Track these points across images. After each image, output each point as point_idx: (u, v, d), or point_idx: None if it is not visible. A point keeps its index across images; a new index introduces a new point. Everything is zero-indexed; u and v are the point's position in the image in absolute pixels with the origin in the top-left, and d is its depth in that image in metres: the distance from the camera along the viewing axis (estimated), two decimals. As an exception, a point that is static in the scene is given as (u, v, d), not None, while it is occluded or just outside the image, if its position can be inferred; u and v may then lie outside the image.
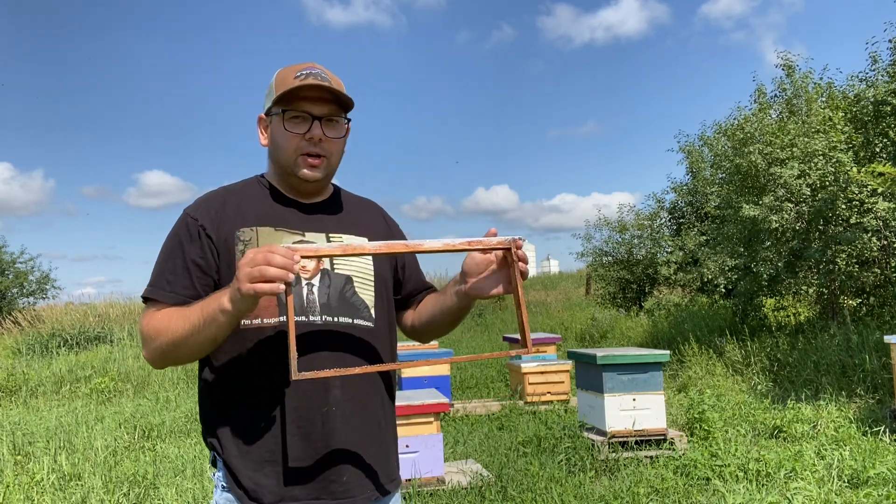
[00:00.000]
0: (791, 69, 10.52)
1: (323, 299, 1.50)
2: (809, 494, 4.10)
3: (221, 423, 1.49)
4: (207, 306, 1.37)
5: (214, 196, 1.58)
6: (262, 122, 1.60)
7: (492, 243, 1.48)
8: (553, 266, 42.77)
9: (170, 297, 1.48)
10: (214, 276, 1.50)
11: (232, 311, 1.33)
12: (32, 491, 4.87)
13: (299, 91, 1.49)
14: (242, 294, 1.27)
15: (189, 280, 1.49)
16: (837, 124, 9.27)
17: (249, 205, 1.56)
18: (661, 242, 15.54)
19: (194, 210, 1.55)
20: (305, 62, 1.56)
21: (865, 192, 8.33)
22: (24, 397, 9.87)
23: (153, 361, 1.50)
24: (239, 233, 1.51)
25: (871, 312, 9.03)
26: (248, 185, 1.62)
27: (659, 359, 5.63)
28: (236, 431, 1.48)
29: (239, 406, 1.47)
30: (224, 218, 1.52)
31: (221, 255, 1.50)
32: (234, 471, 1.47)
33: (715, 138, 12.47)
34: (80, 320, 15.38)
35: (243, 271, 1.27)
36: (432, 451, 4.70)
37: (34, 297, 20.10)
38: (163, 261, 1.52)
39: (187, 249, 1.50)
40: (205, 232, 1.50)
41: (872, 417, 5.84)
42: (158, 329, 1.44)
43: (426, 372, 7.71)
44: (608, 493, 4.39)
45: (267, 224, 1.53)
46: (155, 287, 1.50)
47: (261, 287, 1.25)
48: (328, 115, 1.53)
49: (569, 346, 12.69)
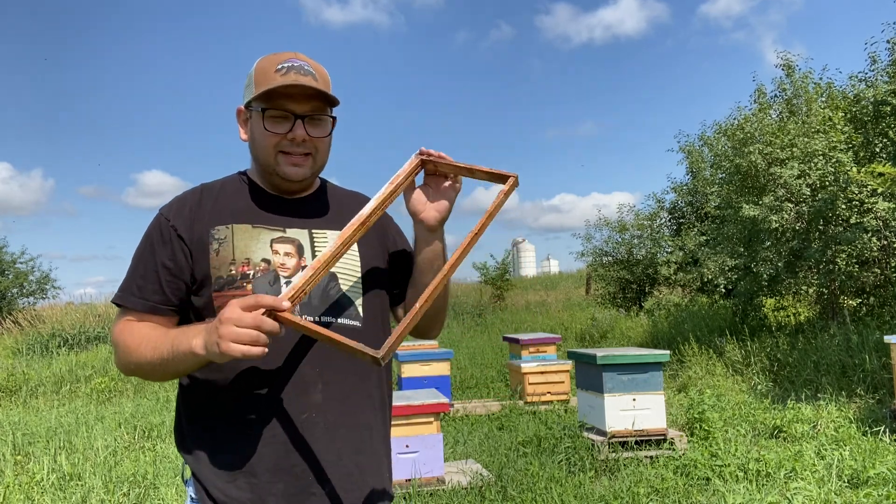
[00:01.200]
0: (791, 69, 10.53)
1: (304, 298, 1.39)
2: (809, 494, 4.10)
3: (193, 432, 1.43)
4: (178, 343, 1.30)
5: (191, 194, 1.51)
6: (242, 115, 1.52)
7: (406, 171, 1.47)
8: (553, 266, 42.71)
9: (139, 303, 1.43)
10: (186, 278, 1.43)
11: (203, 357, 1.26)
12: (32, 491, 4.87)
13: (280, 90, 1.41)
14: (222, 352, 1.19)
15: (158, 285, 1.42)
16: (837, 124, 9.27)
17: (226, 201, 1.49)
18: (661, 242, 15.55)
19: (168, 210, 1.48)
20: (288, 52, 1.48)
21: (865, 192, 8.33)
22: (24, 397, 9.87)
23: (123, 372, 1.46)
24: (213, 231, 1.44)
25: (871, 312, 9.03)
26: (227, 181, 1.55)
27: (659, 359, 5.63)
28: (207, 441, 1.40)
29: (211, 413, 1.40)
30: (198, 216, 1.45)
31: (195, 255, 1.43)
32: (203, 482, 1.39)
33: (715, 138, 12.48)
34: (80, 320, 15.37)
35: (227, 328, 1.18)
36: (432, 451, 4.70)
37: (34, 297, 20.08)
38: (134, 264, 1.47)
39: (158, 252, 1.44)
40: (176, 233, 1.43)
41: (872, 417, 5.84)
42: (129, 347, 1.40)
43: (426, 372, 7.71)
44: (608, 493, 4.39)
45: (244, 221, 1.46)
46: (124, 293, 1.45)
47: (244, 350, 1.17)
48: (311, 112, 1.44)
49: (569, 346, 12.69)
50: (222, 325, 1.19)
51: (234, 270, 1.41)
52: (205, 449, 1.40)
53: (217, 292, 1.40)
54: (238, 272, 1.41)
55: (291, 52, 1.47)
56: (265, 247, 1.44)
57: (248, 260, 1.42)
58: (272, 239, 1.45)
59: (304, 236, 1.48)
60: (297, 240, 1.47)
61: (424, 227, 1.51)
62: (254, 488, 1.36)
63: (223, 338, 1.18)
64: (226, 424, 1.39)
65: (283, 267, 1.43)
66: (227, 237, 1.43)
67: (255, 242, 1.44)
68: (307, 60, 1.47)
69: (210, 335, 1.22)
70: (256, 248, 1.43)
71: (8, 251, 19.64)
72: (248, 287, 1.39)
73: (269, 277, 1.42)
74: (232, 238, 1.43)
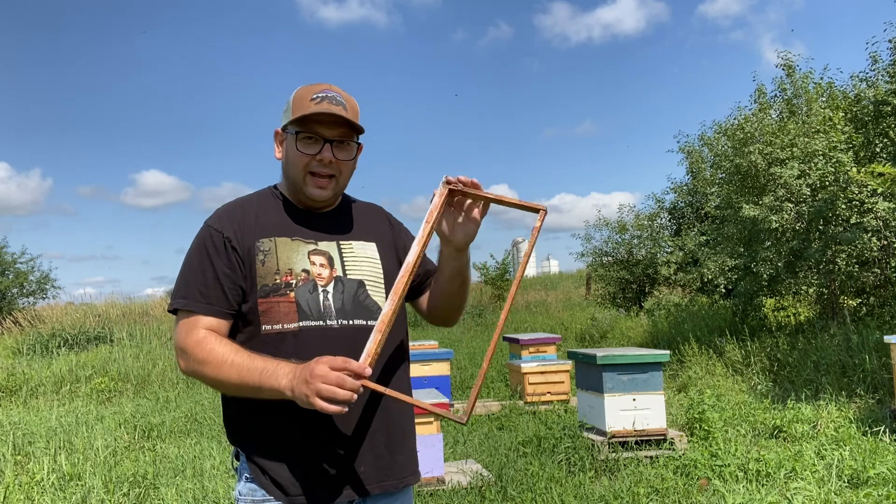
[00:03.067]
0: (791, 69, 10.51)
1: (338, 304, 1.60)
2: (809, 494, 4.10)
3: (248, 425, 1.59)
4: (267, 379, 1.44)
5: (233, 208, 1.66)
6: (278, 136, 1.70)
7: (438, 206, 1.56)
8: (553, 266, 42.73)
9: (206, 308, 1.56)
10: (243, 285, 1.58)
11: (288, 398, 1.42)
12: (32, 491, 4.87)
13: (313, 116, 1.58)
14: (309, 403, 1.36)
15: (221, 292, 1.57)
16: (837, 124, 9.27)
17: (266, 216, 1.65)
18: (661, 242, 15.55)
19: (217, 222, 1.62)
20: (323, 83, 1.64)
21: (865, 192, 8.33)
22: (24, 397, 9.87)
23: (188, 375, 1.58)
24: (259, 243, 1.60)
25: (871, 312, 9.03)
26: (262, 196, 1.71)
27: (659, 359, 5.63)
28: (263, 433, 1.57)
29: (263, 408, 1.54)
30: (245, 229, 1.61)
31: (246, 264, 1.58)
32: (259, 464, 1.56)
33: (715, 138, 12.47)
34: (80, 320, 15.37)
35: (316, 385, 1.35)
36: (432, 451, 4.70)
37: (34, 297, 20.10)
38: (191, 273, 1.59)
39: (216, 262, 1.58)
40: (230, 244, 1.58)
41: (872, 417, 5.84)
42: (208, 363, 1.51)
43: (426, 372, 7.71)
44: (608, 493, 4.39)
45: (284, 235, 1.63)
46: (188, 299, 1.57)
47: (329, 408, 1.35)
48: (339, 137, 1.61)
49: (569, 346, 12.68)
50: (313, 379, 1.36)
51: (278, 279, 1.58)
52: (260, 440, 1.57)
53: (262, 298, 1.57)
54: (282, 281, 1.58)
55: (326, 84, 1.65)
56: (304, 258, 1.62)
57: (291, 270, 1.59)
58: (308, 251, 1.63)
59: (333, 248, 1.66)
60: (327, 252, 1.65)
61: (453, 248, 1.65)
62: (302, 471, 1.54)
63: (311, 392, 1.36)
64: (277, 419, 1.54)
65: (319, 277, 1.61)
66: (271, 249, 1.60)
67: (296, 254, 1.61)
68: (340, 92, 1.64)
69: (299, 385, 1.39)
70: (297, 259, 1.61)
71: (8, 251, 19.67)
72: (290, 294, 1.57)
73: (308, 286, 1.59)
74: (276, 250, 1.60)
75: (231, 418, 1.64)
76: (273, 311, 1.56)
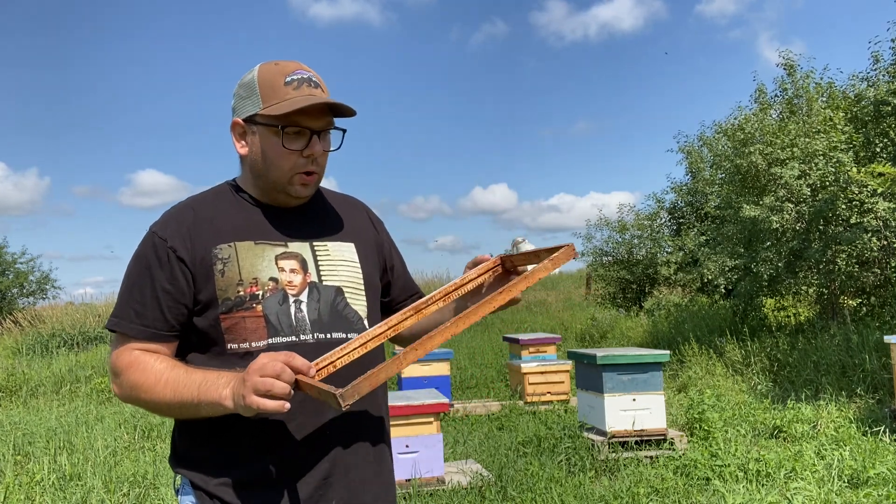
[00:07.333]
0: (792, 68, 10.50)
1: (313, 315, 1.39)
2: (809, 494, 4.10)
3: (201, 450, 1.39)
4: (206, 392, 1.26)
5: (183, 210, 1.43)
6: (238, 127, 1.44)
7: (483, 271, 1.48)
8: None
9: (140, 331, 1.36)
10: (187, 302, 1.37)
11: (231, 409, 1.24)
12: (32, 491, 4.87)
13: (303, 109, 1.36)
14: (246, 404, 1.18)
15: (159, 311, 1.36)
16: (838, 124, 9.26)
17: (224, 218, 1.42)
18: (661, 242, 15.55)
19: (162, 229, 1.39)
20: (290, 61, 1.42)
21: (865, 192, 8.32)
22: (24, 397, 9.87)
23: (123, 401, 1.41)
24: (216, 250, 1.38)
25: (871, 312, 9.02)
26: (219, 194, 1.48)
27: (659, 359, 5.63)
28: (219, 459, 1.37)
29: (220, 432, 1.36)
30: (196, 235, 1.38)
31: (197, 276, 1.36)
32: (212, 494, 1.36)
33: (715, 138, 12.48)
34: (80, 320, 15.36)
35: (253, 380, 1.17)
36: (432, 451, 4.70)
37: (34, 297, 20.11)
38: (129, 288, 1.39)
39: (156, 275, 1.36)
40: (175, 255, 1.36)
41: (872, 417, 5.84)
42: (140, 385, 1.34)
43: (426, 372, 7.71)
44: (608, 493, 4.39)
45: (246, 238, 1.40)
46: (121, 319, 1.38)
47: (266, 404, 1.16)
48: (326, 127, 1.41)
49: (569, 346, 12.68)
50: (249, 376, 1.19)
51: (242, 291, 1.36)
52: (214, 468, 1.37)
53: (225, 314, 1.36)
54: (247, 293, 1.36)
55: (295, 63, 1.42)
56: (271, 264, 1.39)
57: (256, 280, 1.37)
58: (276, 255, 1.41)
59: (305, 250, 1.44)
60: (299, 254, 1.43)
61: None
62: (268, 499, 1.35)
63: (247, 390, 1.18)
64: (236, 443, 1.36)
65: (290, 285, 1.39)
66: (230, 256, 1.38)
67: (261, 260, 1.39)
68: (309, 70, 1.43)
69: (237, 386, 1.21)
70: (262, 266, 1.39)
71: (8, 251, 19.67)
72: (257, 308, 1.36)
73: (278, 297, 1.38)
74: (236, 257, 1.38)
75: (182, 438, 1.44)
76: (238, 327, 1.35)
